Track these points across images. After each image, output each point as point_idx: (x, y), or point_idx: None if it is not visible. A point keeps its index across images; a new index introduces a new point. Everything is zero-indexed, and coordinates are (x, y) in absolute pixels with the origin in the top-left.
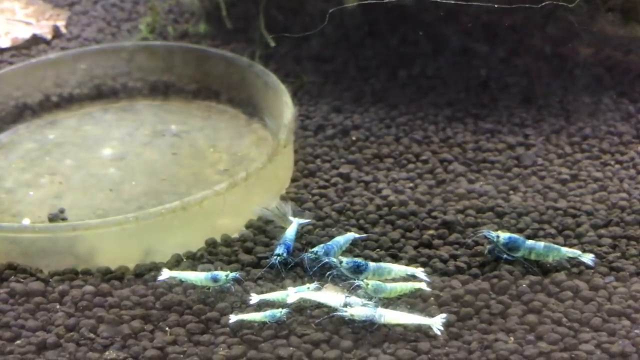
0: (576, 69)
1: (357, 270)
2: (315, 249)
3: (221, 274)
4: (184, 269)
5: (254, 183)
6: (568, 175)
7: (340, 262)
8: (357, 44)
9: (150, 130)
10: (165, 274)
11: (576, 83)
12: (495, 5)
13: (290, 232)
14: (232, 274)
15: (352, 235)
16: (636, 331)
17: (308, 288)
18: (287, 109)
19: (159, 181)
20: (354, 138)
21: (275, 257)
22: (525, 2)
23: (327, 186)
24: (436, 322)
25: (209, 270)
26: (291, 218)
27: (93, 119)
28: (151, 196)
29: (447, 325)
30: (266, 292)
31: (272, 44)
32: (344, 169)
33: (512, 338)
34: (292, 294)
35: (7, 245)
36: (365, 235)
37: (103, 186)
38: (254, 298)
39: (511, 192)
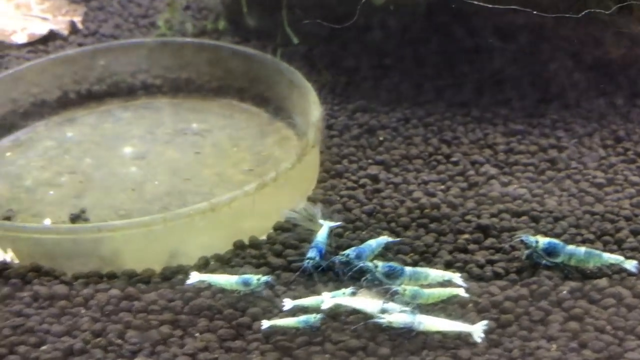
0: (608, 71)
1: (393, 275)
2: (346, 252)
3: (253, 278)
4: (211, 272)
5: (282, 184)
6: (603, 179)
7: (376, 267)
8: (382, 42)
9: (171, 129)
10: (195, 278)
11: (609, 85)
12: (534, 12)
13: (322, 235)
14: (263, 278)
15: (385, 239)
16: None
17: (344, 293)
18: (315, 107)
19: (182, 181)
20: (381, 138)
21: (307, 260)
22: (565, 12)
23: (355, 187)
24: (477, 330)
25: (241, 273)
26: (321, 221)
27: (112, 117)
28: (174, 196)
29: (487, 332)
30: (299, 296)
31: (296, 41)
32: (372, 170)
33: (554, 346)
34: (327, 299)
35: (30, 247)
36: (398, 239)
37: (125, 185)
38: (288, 303)
39: (546, 195)
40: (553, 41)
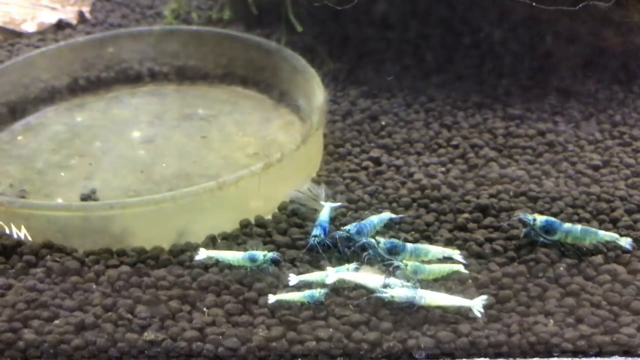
0: (605, 57)
1: (395, 251)
2: (347, 227)
3: (259, 254)
4: (218, 250)
5: (287, 165)
6: (600, 161)
7: (378, 243)
8: (384, 29)
9: (179, 114)
10: (203, 254)
11: (605, 71)
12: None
13: (324, 215)
14: (269, 254)
15: (387, 215)
16: None
17: (347, 269)
18: (318, 91)
19: (189, 163)
20: (383, 123)
21: (313, 238)
22: (563, 4)
23: (358, 170)
24: (476, 304)
25: (250, 247)
26: (323, 202)
27: (121, 103)
28: (182, 178)
29: (486, 307)
30: (303, 273)
31: (299, 29)
32: (375, 153)
33: (551, 321)
34: (332, 274)
35: (43, 224)
36: (400, 216)
37: (133, 168)
38: (293, 279)
39: (543, 177)
40: (551, 30)
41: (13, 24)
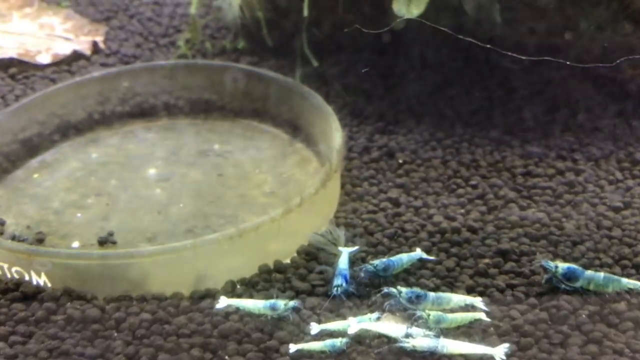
0: (621, 90)
1: (417, 300)
2: (375, 262)
3: (280, 303)
4: (237, 296)
5: (306, 208)
6: (621, 202)
7: (400, 293)
8: (401, 65)
9: (195, 150)
10: (223, 302)
11: (624, 106)
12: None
13: (343, 262)
14: (291, 303)
15: (418, 253)
16: None
17: (369, 319)
18: (336, 132)
19: (206, 203)
20: (400, 161)
21: (335, 288)
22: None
23: (376, 211)
24: (499, 352)
25: (268, 298)
26: (340, 248)
27: (136, 138)
28: (199, 219)
29: (508, 355)
30: (324, 321)
31: (315, 63)
32: (393, 194)
33: None
34: (354, 324)
35: (62, 270)
36: (432, 258)
37: (150, 208)
38: (315, 328)
39: (564, 219)
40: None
41: (28, 56)
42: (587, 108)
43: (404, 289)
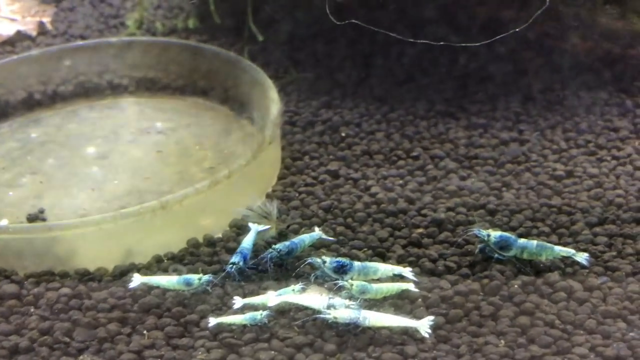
0: (574, 63)
1: (342, 270)
2: (277, 246)
3: (194, 278)
4: (163, 271)
5: (238, 181)
6: (563, 171)
7: (324, 262)
8: (350, 40)
9: (136, 128)
10: (137, 280)
11: (573, 78)
12: None
13: (247, 241)
14: (205, 277)
15: (318, 233)
16: (632, 334)
17: (293, 290)
18: (273, 104)
19: (142, 180)
20: (343, 134)
21: (230, 265)
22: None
23: (314, 184)
24: (423, 325)
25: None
26: (250, 225)
27: (78, 117)
28: (134, 195)
29: (435, 327)
30: (248, 294)
31: (260, 38)
32: (333, 166)
33: (502, 341)
34: (273, 297)
35: None
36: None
37: (85, 185)
38: (238, 302)
39: (504, 189)
40: (519, 35)
41: None
42: (537, 81)
43: (328, 259)
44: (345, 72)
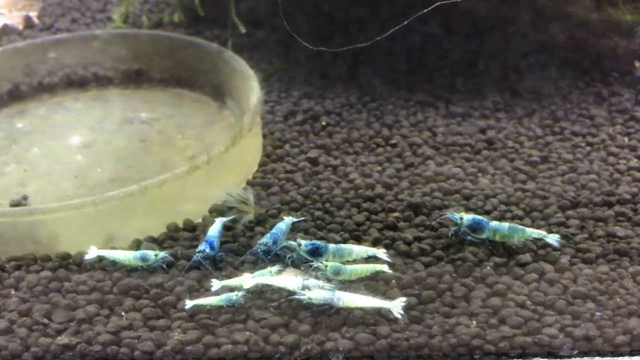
0: (551, 54)
1: (317, 252)
2: (263, 240)
3: (150, 254)
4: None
5: (217, 167)
6: (538, 157)
7: (299, 245)
8: (330, 31)
9: (120, 119)
10: (93, 253)
11: (550, 67)
12: None
13: (214, 230)
14: (161, 254)
15: (290, 219)
16: (599, 314)
17: (270, 272)
18: (252, 92)
19: (125, 168)
20: (324, 123)
21: (197, 253)
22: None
23: (294, 171)
24: (396, 306)
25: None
26: (218, 219)
27: (63, 108)
28: (117, 183)
29: (408, 308)
30: (227, 277)
31: (243, 30)
32: (312, 154)
33: (474, 322)
34: (248, 280)
35: None
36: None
37: (69, 174)
38: (215, 284)
39: (479, 174)
40: (497, 25)
41: None
42: (515, 71)
43: (303, 242)
44: (327, 64)
